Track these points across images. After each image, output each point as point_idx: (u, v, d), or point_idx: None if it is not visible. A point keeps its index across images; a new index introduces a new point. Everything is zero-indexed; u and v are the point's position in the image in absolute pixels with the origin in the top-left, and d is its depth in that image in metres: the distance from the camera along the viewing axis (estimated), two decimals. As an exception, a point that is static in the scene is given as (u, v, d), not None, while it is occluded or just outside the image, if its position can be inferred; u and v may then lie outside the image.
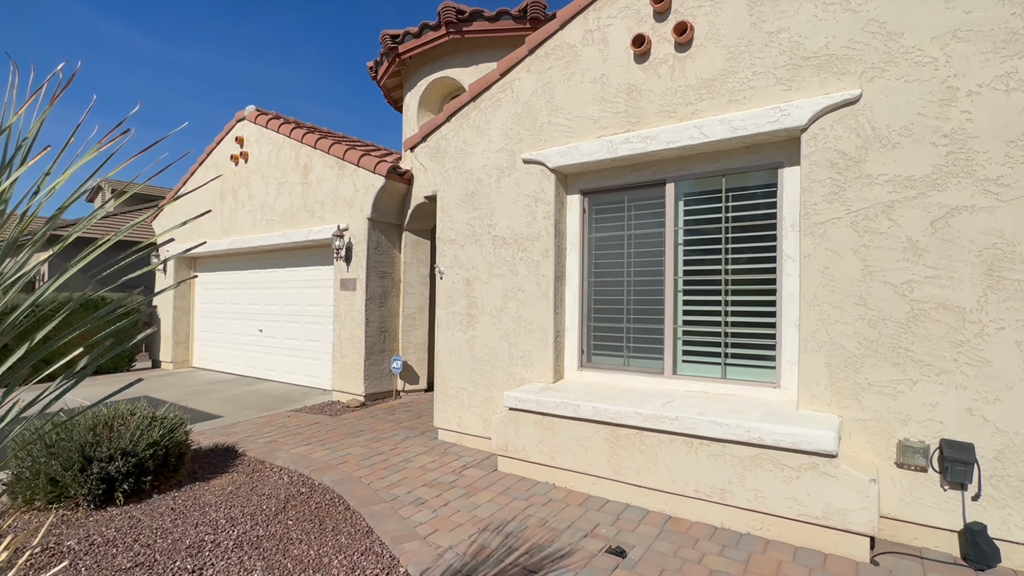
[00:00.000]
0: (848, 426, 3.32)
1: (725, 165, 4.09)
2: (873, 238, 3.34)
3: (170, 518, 3.75)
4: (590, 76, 4.53)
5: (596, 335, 4.72)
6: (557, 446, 4.13)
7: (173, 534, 3.51)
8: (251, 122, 8.70)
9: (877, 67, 3.38)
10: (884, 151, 3.34)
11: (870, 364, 3.29)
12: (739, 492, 3.33)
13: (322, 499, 4.06)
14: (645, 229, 4.49)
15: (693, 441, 3.52)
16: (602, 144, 4.41)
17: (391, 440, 5.41)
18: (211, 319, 10.32)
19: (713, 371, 4.10)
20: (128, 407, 4.63)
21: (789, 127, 3.63)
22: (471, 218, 5.22)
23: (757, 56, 3.80)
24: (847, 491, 3.01)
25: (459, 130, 5.32)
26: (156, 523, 3.68)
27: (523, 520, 3.61)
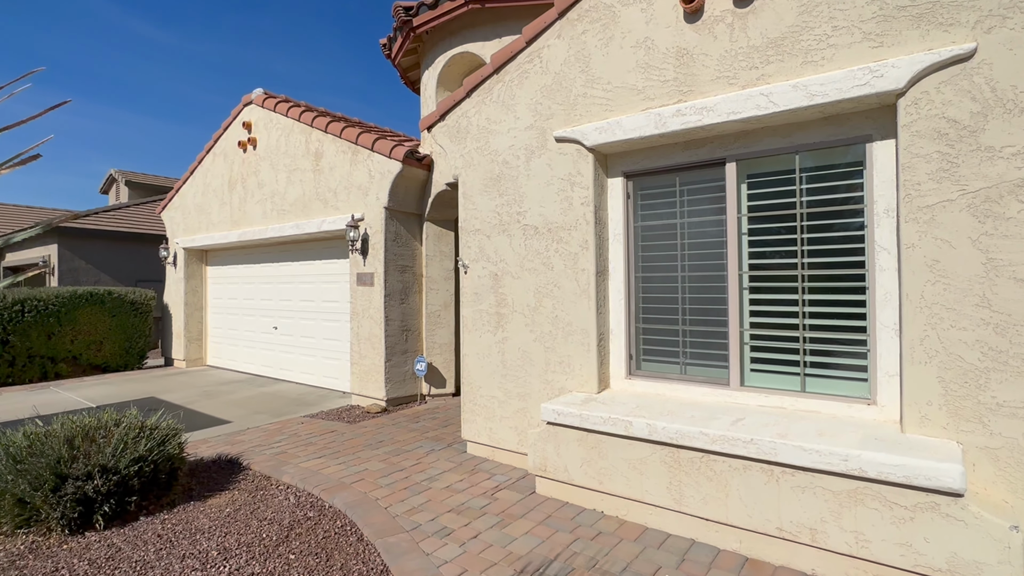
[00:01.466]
0: (972, 455, 2.73)
1: (799, 140, 3.46)
2: (998, 224, 2.72)
3: (155, 547, 3.32)
4: (632, 40, 3.92)
5: (646, 338, 4.16)
6: (605, 468, 3.60)
7: (155, 569, 3.07)
8: (259, 106, 8.22)
9: (996, 14, 2.73)
10: (1009, 117, 2.70)
11: (998, 379, 2.69)
12: (835, 533, 2.77)
13: (331, 526, 3.60)
14: (702, 216, 3.89)
15: (774, 469, 2.96)
16: (648, 118, 3.81)
17: (414, 453, 4.94)
18: (224, 315, 9.97)
19: (790, 383, 3.51)
20: (114, 415, 4.17)
21: (882, 91, 3.00)
22: (497, 205, 4.67)
23: (838, 7, 3.16)
24: (980, 539, 2.43)
25: (481, 106, 4.75)
26: (137, 554, 3.25)
27: (569, 559, 3.10)
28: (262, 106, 8.12)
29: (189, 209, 9.92)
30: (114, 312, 9.65)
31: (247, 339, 9.43)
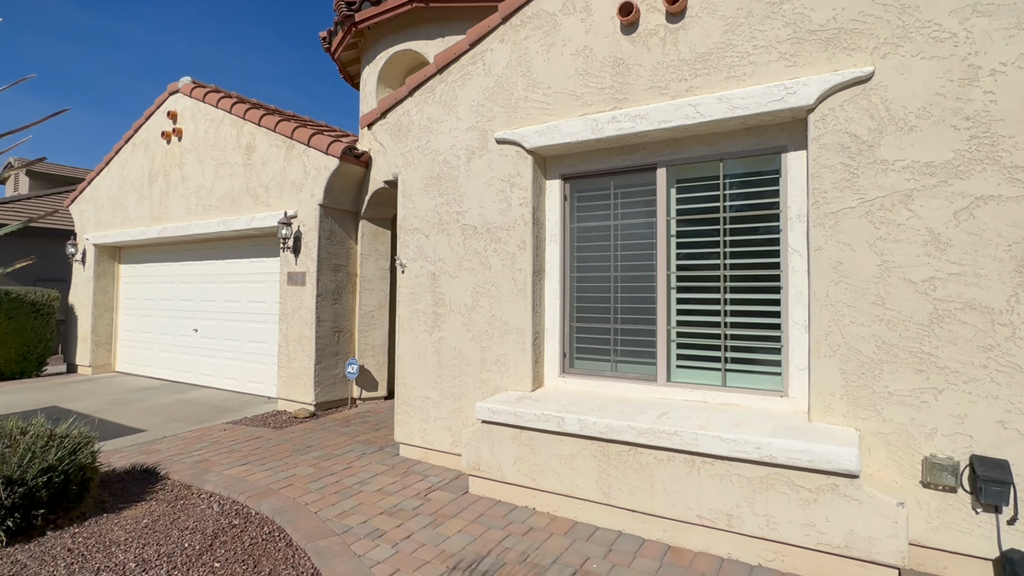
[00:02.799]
0: (867, 441, 2.99)
1: (723, 148, 3.69)
2: (891, 230, 3.01)
3: (65, 562, 3.04)
4: (571, 48, 4.05)
5: (580, 337, 4.26)
6: (537, 465, 3.64)
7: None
8: (186, 95, 7.77)
9: (891, 42, 3.05)
10: (900, 134, 3.01)
11: (890, 371, 2.96)
12: (749, 518, 2.94)
13: (259, 533, 3.42)
14: (634, 219, 4.06)
15: (695, 459, 3.10)
16: (585, 123, 3.94)
17: (345, 457, 4.78)
18: (138, 317, 9.26)
19: (712, 378, 3.70)
20: (19, 424, 3.83)
21: (795, 106, 3.26)
22: (437, 204, 4.65)
23: (758, 28, 3.41)
24: (872, 516, 2.65)
25: (423, 106, 4.74)
26: (45, 570, 2.96)
27: (501, 555, 3.10)
28: (190, 95, 7.68)
29: (103, 202, 9.18)
30: (11, 314, 8.72)
31: (164, 342, 8.81)
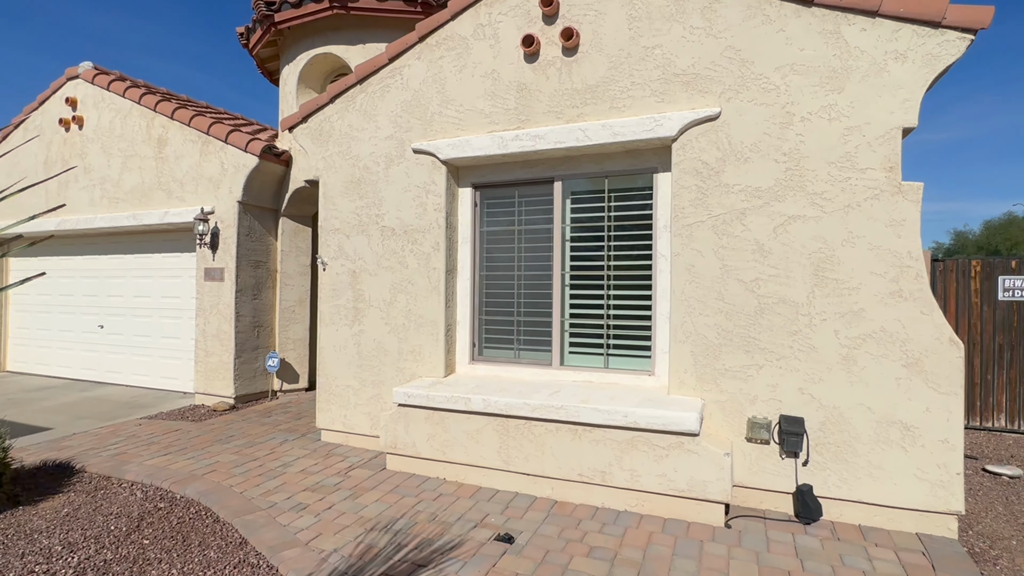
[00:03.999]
0: (709, 408, 3.75)
1: (608, 167, 4.35)
2: (729, 240, 3.78)
3: None
4: (481, 70, 4.55)
5: (488, 328, 4.80)
6: (448, 440, 4.14)
7: (-10, 572, 2.95)
8: (87, 82, 7.46)
9: (733, 89, 3.80)
10: (738, 164, 3.78)
11: (727, 352, 3.74)
12: (618, 473, 3.61)
13: (185, 513, 3.67)
14: (535, 224, 4.64)
15: (577, 428, 3.73)
16: (493, 139, 4.46)
17: (267, 444, 5.03)
18: (33, 314, 8.74)
19: (597, 361, 4.37)
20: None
21: (662, 136, 3.96)
22: (358, 207, 4.99)
23: (636, 68, 4.08)
24: (707, 465, 3.40)
25: (344, 113, 5.05)
26: None
27: (413, 517, 3.58)
28: (92, 82, 7.39)
29: (-12, 189, 8.53)
30: None
31: (63, 339, 8.39)
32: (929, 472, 3.29)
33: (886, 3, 3.36)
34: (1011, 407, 5.52)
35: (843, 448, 3.47)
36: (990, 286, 5.51)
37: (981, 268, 5.54)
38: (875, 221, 3.41)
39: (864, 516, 3.44)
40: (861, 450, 3.43)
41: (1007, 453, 5.03)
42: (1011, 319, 5.48)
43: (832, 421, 3.49)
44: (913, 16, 3.32)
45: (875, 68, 3.42)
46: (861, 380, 3.43)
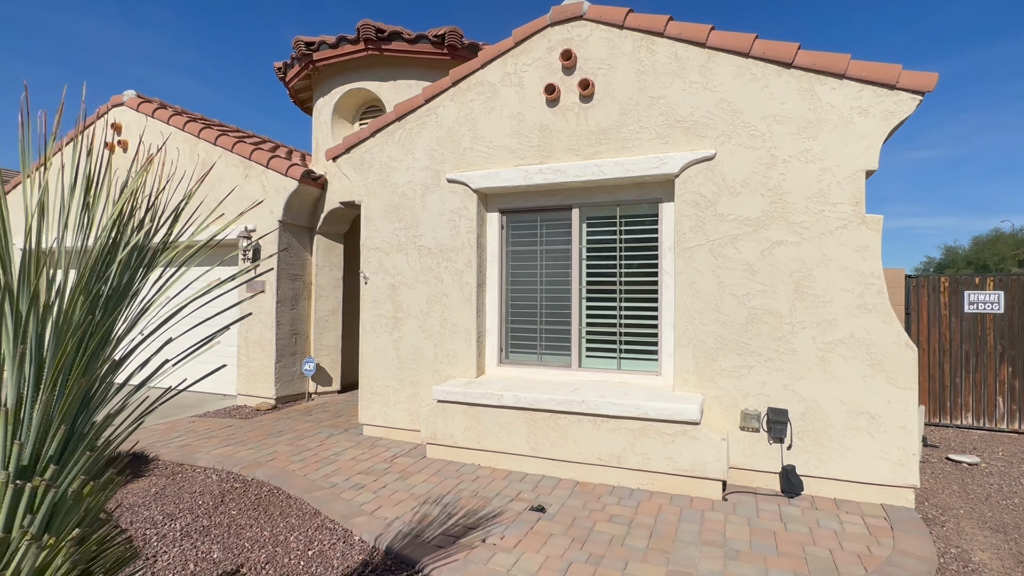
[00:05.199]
0: (708, 402, 4.42)
1: (619, 197, 5.05)
2: (724, 261, 4.48)
3: None
4: (508, 112, 5.26)
5: (513, 335, 5.46)
6: (482, 431, 4.78)
7: (118, 535, 3.56)
8: (132, 109, 8.12)
9: (726, 134, 4.52)
10: (731, 197, 4.49)
11: (723, 355, 4.42)
12: (631, 457, 4.27)
13: (260, 491, 4.29)
14: (555, 245, 5.33)
15: (596, 419, 4.39)
16: (519, 172, 5.15)
17: (316, 438, 5.65)
18: (74, 322, 9.31)
19: (610, 364, 5.05)
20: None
21: (666, 173, 4.66)
22: (396, 229, 5.67)
23: (643, 114, 4.80)
24: (706, 449, 4.06)
25: (384, 146, 5.75)
26: None
27: (457, 493, 4.22)
28: (136, 109, 8.05)
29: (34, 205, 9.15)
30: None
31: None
32: (891, 453, 3.97)
33: (851, 68, 4.10)
34: (976, 407, 6.23)
35: (820, 434, 4.15)
36: (957, 300, 6.24)
37: (949, 284, 6.29)
38: (844, 246, 4.12)
39: (838, 491, 4.11)
40: (835, 436, 4.11)
41: (971, 446, 5.72)
42: (976, 329, 6.21)
43: (811, 412, 4.17)
44: (873, 79, 4.06)
45: (843, 120, 4.15)
46: (834, 378, 4.12)
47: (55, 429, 1.34)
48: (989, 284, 6.06)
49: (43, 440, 1.34)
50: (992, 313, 6.08)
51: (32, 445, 1.33)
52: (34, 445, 1.33)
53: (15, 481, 1.26)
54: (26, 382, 1.35)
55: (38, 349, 1.37)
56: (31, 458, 1.34)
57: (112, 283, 1.46)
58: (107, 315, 1.44)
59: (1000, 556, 3.42)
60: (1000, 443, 5.80)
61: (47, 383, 1.35)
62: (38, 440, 1.33)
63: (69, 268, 1.50)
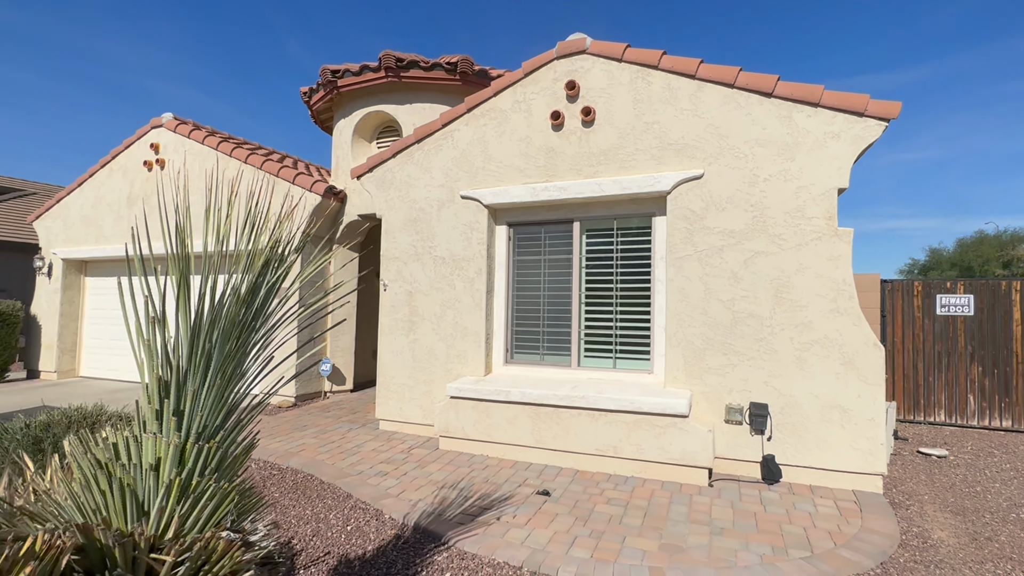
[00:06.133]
0: (696, 397, 4.88)
1: (616, 211, 5.55)
2: (711, 270, 4.96)
3: None
4: (517, 136, 5.78)
5: (518, 337, 5.95)
6: (491, 425, 5.26)
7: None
8: (170, 130, 8.75)
9: (713, 155, 5.02)
10: (717, 212, 4.98)
11: (709, 354, 4.88)
12: (626, 447, 4.73)
13: (295, 477, 4.78)
14: (557, 255, 5.83)
15: (595, 413, 4.86)
16: (527, 189, 5.67)
17: (337, 431, 6.14)
18: (106, 326, 9.89)
19: (607, 363, 5.52)
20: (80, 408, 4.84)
21: (660, 190, 5.16)
22: (414, 240, 6.19)
23: (639, 138, 5.30)
24: (694, 440, 4.52)
25: (404, 166, 6.29)
26: None
27: (470, 479, 4.68)
28: (174, 131, 8.68)
29: (73, 221, 9.78)
30: (-25, 322, 9.12)
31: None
32: (860, 443, 4.41)
33: (825, 97, 4.60)
34: (948, 404, 6.64)
35: (797, 427, 4.59)
36: (930, 303, 6.68)
37: (922, 288, 6.73)
38: (819, 256, 4.59)
39: (814, 478, 4.55)
40: (811, 428, 4.55)
41: (942, 440, 6.12)
42: (948, 331, 6.63)
43: (789, 406, 4.62)
44: (844, 107, 4.55)
45: (818, 144, 4.64)
46: (810, 375, 4.57)
47: (221, 407, 1.86)
48: (960, 288, 6.50)
49: (213, 415, 1.85)
50: (963, 316, 6.51)
51: (207, 418, 1.84)
52: (208, 418, 1.85)
53: (198, 443, 1.78)
54: (197, 372, 1.87)
55: (209, 350, 1.89)
56: (206, 427, 1.85)
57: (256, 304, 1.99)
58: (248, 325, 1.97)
59: (957, 535, 3.85)
60: (970, 438, 6.20)
61: (216, 373, 1.86)
62: (210, 415, 1.85)
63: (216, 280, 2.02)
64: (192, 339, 1.95)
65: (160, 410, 1.93)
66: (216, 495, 1.87)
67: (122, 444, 1.90)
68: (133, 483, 1.79)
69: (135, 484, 1.80)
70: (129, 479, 1.80)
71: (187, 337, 1.97)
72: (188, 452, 1.86)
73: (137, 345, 1.99)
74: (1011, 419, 6.44)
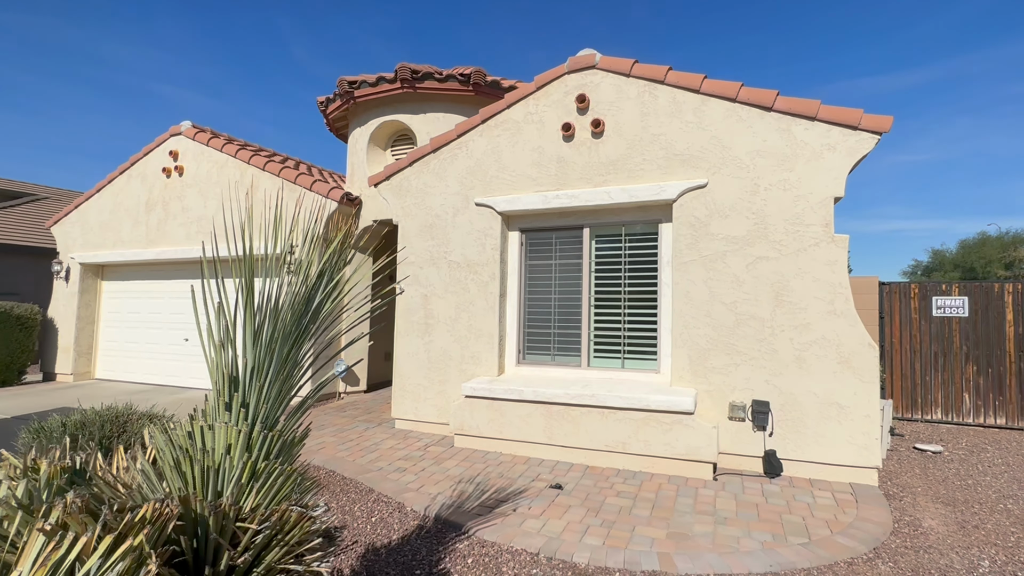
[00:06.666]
0: (701, 395, 5.13)
1: (624, 218, 5.81)
2: (714, 274, 5.21)
3: None
4: (530, 146, 6.04)
5: (529, 338, 6.20)
6: (504, 423, 5.50)
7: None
8: (188, 138, 9.01)
9: (716, 166, 5.27)
10: (721, 219, 5.23)
11: (713, 355, 5.13)
12: (635, 444, 4.97)
13: (319, 473, 5.02)
14: (568, 259, 6.08)
15: (604, 411, 5.10)
16: (539, 197, 5.93)
17: (355, 430, 6.39)
18: (122, 328, 10.14)
19: (615, 363, 5.77)
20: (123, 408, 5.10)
21: (666, 198, 5.42)
22: (429, 246, 6.45)
23: (646, 149, 5.56)
24: (699, 436, 4.76)
25: (420, 174, 6.55)
26: None
27: (486, 475, 4.93)
28: (193, 139, 8.94)
29: (91, 226, 10.05)
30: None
31: (149, 351, 9.78)
32: (857, 438, 4.66)
33: (822, 112, 4.86)
34: (945, 402, 6.89)
35: (797, 423, 4.84)
36: (926, 305, 6.94)
37: (919, 290, 6.99)
38: (816, 261, 4.84)
39: (813, 472, 4.79)
40: (810, 424, 4.80)
41: (938, 437, 6.37)
42: (944, 331, 6.89)
43: (789, 403, 4.87)
44: (839, 121, 4.81)
45: (815, 155, 4.89)
46: (809, 373, 4.82)
47: (281, 399, 2.11)
48: (955, 291, 6.76)
49: (275, 407, 2.11)
50: (958, 317, 6.76)
51: (270, 409, 2.10)
52: (271, 409, 2.10)
53: (263, 431, 2.03)
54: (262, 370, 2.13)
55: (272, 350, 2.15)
56: (268, 417, 2.11)
57: (311, 309, 2.25)
58: (305, 328, 2.23)
59: (946, 523, 4.09)
60: (965, 435, 6.45)
61: (278, 371, 2.12)
62: (273, 406, 2.11)
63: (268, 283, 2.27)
64: (256, 341, 2.21)
65: (229, 403, 2.19)
66: (281, 476, 2.12)
67: (197, 433, 2.15)
68: (213, 464, 2.04)
69: (213, 466, 2.06)
70: (209, 461, 2.05)
71: (252, 339, 2.23)
72: (255, 438, 2.12)
73: (208, 346, 2.25)
74: (1005, 417, 6.69)
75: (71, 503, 1.49)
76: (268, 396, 2.22)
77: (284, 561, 1.87)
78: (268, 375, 2.23)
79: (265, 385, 2.22)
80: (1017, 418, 6.63)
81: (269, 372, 2.23)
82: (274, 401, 2.24)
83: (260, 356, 2.23)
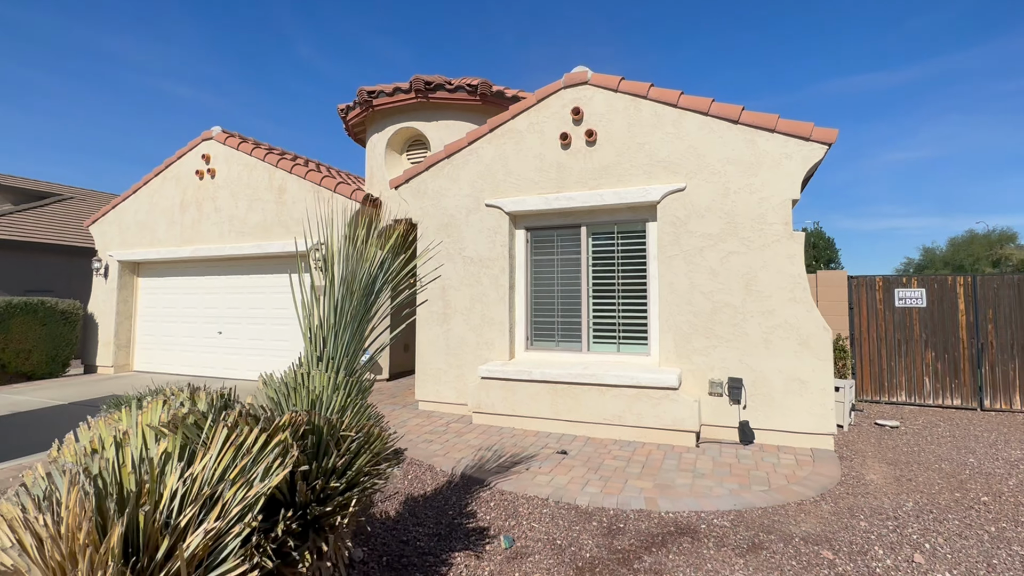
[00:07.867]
0: (684, 374, 5.91)
1: (616, 218, 6.57)
2: (694, 267, 5.97)
3: None
4: (532, 153, 6.80)
5: (536, 326, 6.99)
6: (516, 401, 6.30)
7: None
8: (220, 143, 9.79)
9: (693, 171, 6.02)
10: (698, 218, 5.98)
11: (695, 338, 5.91)
12: (629, 416, 5.76)
13: (354, 442, 5.83)
14: (568, 255, 6.85)
15: (603, 388, 5.89)
16: (541, 199, 6.69)
17: (383, 411, 7.20)
18: (159, 323, 10.98)
19: (612, 347, 6.56)
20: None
21: (651, 200, 6.17)
22: (445, 243, 7.23)
23: (634, 155, 6.31)
24: (684, 409, 5.55)
25: (436, 178, 7.32)
26: None
27: (501, 444, 5.73)
28: (224, 143, 9.72)
29: (128, 225, 10.87)
30: (45, 321, 10.21)
31: (184, 344, 10.62)
32: (815, 409, 5.43)
33: (780, 124, 5.59)
34: (908, 386, 7.65)
35: (766, 397, 5.62)
36: (890, 296, 7.68)
37: (883, 283, 7.74)
38: (779, 255, 5.60)
39: (780, 439, 5.57)
40: (777, 397, 5.58)
41: (900, 417, 7.14)
42: (905, 321, 7.64)
43: (759, 380, 5.65)
44: (794, 133, 5.54)
45: (775, 162, 5.63)
46: (775, 353, 5.59)
47: (358, 350, 2.92)
48: (914, 283, 7.50)
49: (353, 359, 2.92)
50: (917, 307, 7.51)
51: (350, 360, 2.91)
52: (350, 361, 2.91)
53: (348, 376, 2.84)
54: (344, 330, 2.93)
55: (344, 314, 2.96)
56: (348, 367, 2.92)
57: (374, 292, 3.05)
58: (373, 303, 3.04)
59: (885, 478, 4.87)
60: (925, 414, 7.22)
61: (353, 332, 2.93)
62: (352, 359, 2.91)
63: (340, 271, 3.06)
64: (338, 311, 3.02)
65: (320, 356, 3.01)
66: (362, 408, 2.94)
67: (300, 378, 2.96)
68: (316, 398, 2.85)
69: (317, 399, 2.87)
70: (315, 395, 2.86)
71: (332, 310, 3.03)
72: (341, 381, 2.93)
73: (302, 316, 3.07)
74: (960, 398, 7.44)
75: (239, 412, 2.29)
76: (349, 350, 3.05)
77: (369, 464, 2.68)
78: (346, 337, 3.05)
79: (344, 343, 3.04)
80: (971, 399, 7.39)
81: (348, 332, 3.05)
82: (352, 356, 3.06)
83: (342, 322, 3.04)
